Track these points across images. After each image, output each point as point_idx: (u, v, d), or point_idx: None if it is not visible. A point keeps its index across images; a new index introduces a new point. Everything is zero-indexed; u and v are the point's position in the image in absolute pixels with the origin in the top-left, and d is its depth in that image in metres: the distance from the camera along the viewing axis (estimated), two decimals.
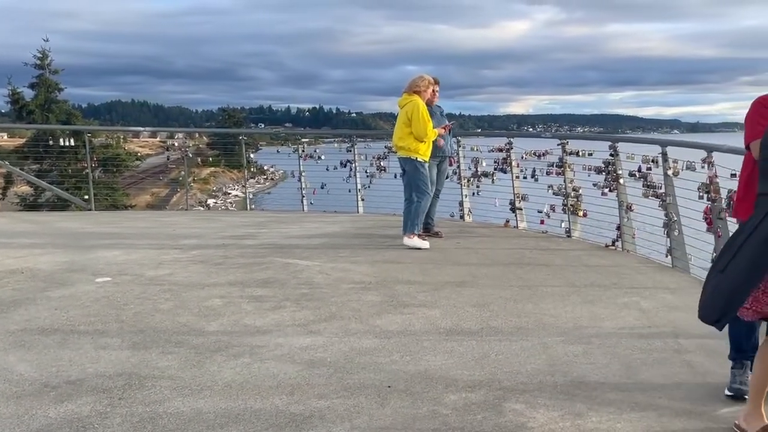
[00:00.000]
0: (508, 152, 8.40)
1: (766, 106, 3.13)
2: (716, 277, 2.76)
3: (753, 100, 3.19)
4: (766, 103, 3.14)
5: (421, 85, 6.89)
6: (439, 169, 7.54)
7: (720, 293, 2.70)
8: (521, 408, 3.21)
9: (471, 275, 5.83)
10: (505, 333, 4.30)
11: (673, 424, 3.04)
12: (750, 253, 2.61)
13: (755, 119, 3.09)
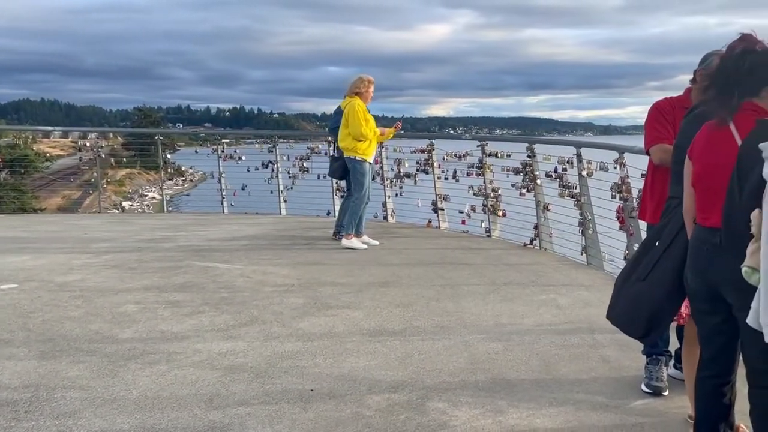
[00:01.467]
0: (429, 153, 8.49)
1: (662, 111, 3.26)
2: (635, 285, 2.83)
3: (650, 106, 3.32)
4: (661, 108, 3.28)
5: (360, 87, 7.05)
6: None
7: (644, 306, 2.77)
8: (444, 407, 3.23)
9: (394, 275, 5.84)
10: (428, 332, 4.33)
11: (589, 418, 3.12)
12: (672, 267, 2.69)
13: (653, 125, 3.21)
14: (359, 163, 7.03)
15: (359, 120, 6.87)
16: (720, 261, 2.34)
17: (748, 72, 2.34)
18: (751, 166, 2.17)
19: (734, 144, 2.30)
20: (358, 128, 6.87)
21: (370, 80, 7.08)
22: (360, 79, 7.05)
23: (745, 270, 2.09)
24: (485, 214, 7.97)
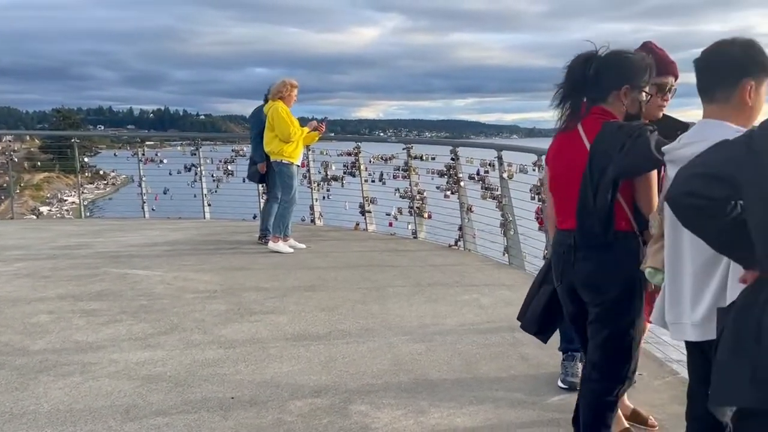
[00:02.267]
0: (356, 156, 8.51)
1: None
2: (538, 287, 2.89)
3: None
4: None
5: (283, 91, 7.00)
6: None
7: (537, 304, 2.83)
8: (366, 409, 3.24)
9: (320, 279, 5.82)
10: (352, 335, 4.33)
11: (507, 415, 3.19)
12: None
13: None
14: (286, 167, 6.99)
15: (285, 122, 6.83)
16: (574, 261, 2.44)
17: (593, 77, 2.41)
18: (601, 168, 2.28)
19: (584, 149, 2.40)
20: (286, 130, 6.83)
21: (294, 84, 7.05)
22: (283, 83, 7.01)
23: (648, 271, 2.17)
24: (412, 216, 8.04)
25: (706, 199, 1.61)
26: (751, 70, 1.93)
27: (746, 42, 1.95)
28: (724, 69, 1.94)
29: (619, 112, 2.45)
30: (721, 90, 1.94)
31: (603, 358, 2.48)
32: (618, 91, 2.43)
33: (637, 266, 2.35)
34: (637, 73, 2.45)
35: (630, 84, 2.43)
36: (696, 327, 1.96)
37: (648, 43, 2.79)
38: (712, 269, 1.92)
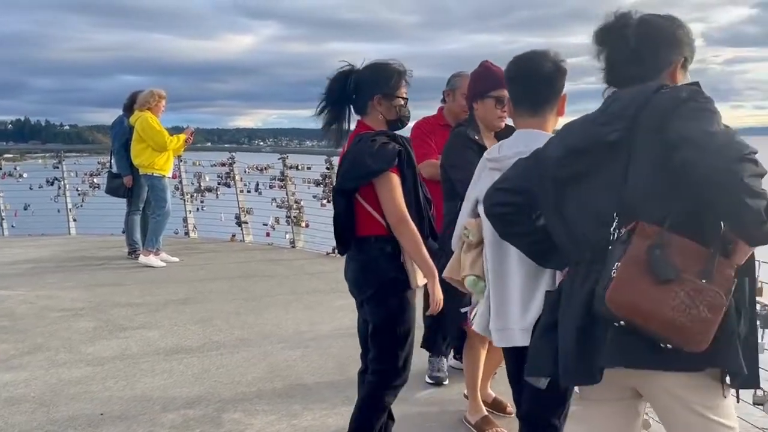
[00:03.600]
0: (230, 167, 8.44)
1: (422, 130, 3.61)
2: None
3: (413, 126, 3.61)
4: (422, 127, 3.63)
5: (151, 101, 6.83)
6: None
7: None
8: (239, 416, 3.29)
9: (194, 292, 5.76)
10: (227, 346, 4.34)
11: None
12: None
13: (417, 143, 3.47)
14: (158, 180, 6.83)
15: (157, 131, 6.68)
16: (349, 265, 2.63)
17: (354, 92, 2.51)
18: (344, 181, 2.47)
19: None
20: (161, 138, 6.67)
21: (161, 95, 6.91)
22: (151, 93, 6.86)
23: (470, 279, 2.16)
24: (289, 226, 8.09)
25: (511, 209, 1.80)
26: (562, 83, 2.12)
27: (556, 54, 2.12)
28: (545, 82, 2.09)
29: (378, 121, 2.52)
30: (543, 101, 2.10)
31: (373, 354, 2.59)
32: (372, 101, 2.50)
33: (392, 268, 2.45)
34: (386, 81, 2.50)
35: (381, 93, 2.49)
36: (525, 332, 2.01)
37: (485, 62, 3.02)
38: (540, 274, 2.00)
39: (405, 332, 2.53)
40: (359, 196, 2.48)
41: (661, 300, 1.45)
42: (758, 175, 1.41)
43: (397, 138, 2.50)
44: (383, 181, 2.41)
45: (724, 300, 1.45)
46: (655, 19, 1.74)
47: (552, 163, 1.72)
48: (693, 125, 1.50)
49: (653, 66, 1.70)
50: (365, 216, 2.48)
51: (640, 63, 1.70)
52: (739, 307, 1.52)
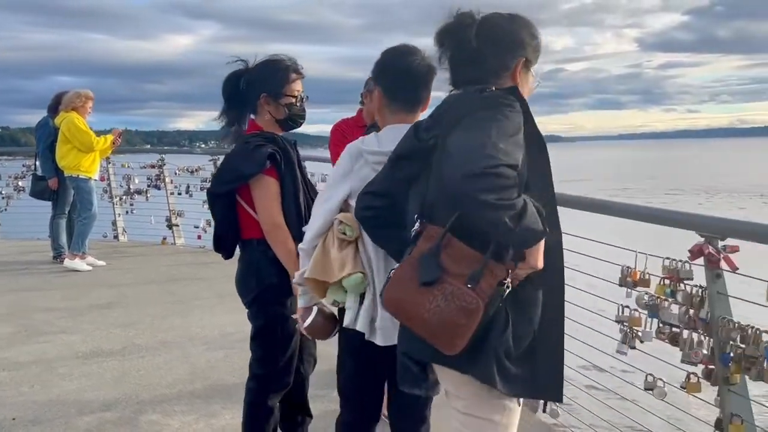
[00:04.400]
0: (160, 168, 8.34)
1: (342, 132, 3.66)
2: None
3: (331, 128, 3.67)
4: (341, 129, 3.68)
5: (77, 102, 6.72)
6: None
7: None
8: (157, 418, 3.31)
9: (120, 296, 5.70)
10: (149, 349, 4.33)
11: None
12: None
13: (337, 144, 3.52)
14: (84, 182, 6.72)
15: (84, 132, 6.58)
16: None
17: (246, 91, 2.45)
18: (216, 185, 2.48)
19: None
20: (87, 139, 6.58)
21: (88, 95, 6.81)
22: (77, 94, 6.75)
23: (358, 276, 2.02)
24: None
25: (374, 212, 1.82)
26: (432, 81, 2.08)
27: (426, 52, 2.07)
28: (423, 80, 2.05)
29: (267, 121, 2.49)
30: (420, 99, 2.07)
31: (253, 358, 2.59)
32: (259, 101, 2.47)
33: (273, 272, 2.40)
34: (271, 79, 2.46)
35: (267, 92, 2.45)
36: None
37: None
38: None
39: (286, 337, 2.47)
40: (240, 199, 2.45)
41: (420, 302, 1.50)
42: (498, 189, 1.42)
43: (277, 140, 2.45)
44: (256, 185, 2.39)
45: (480, 306, 1.47)
46: (496, 18, 1.71)
47: (390, 165, 1.77)
48: (463, 136, 1.51)
49: (492, 68, 1.67)
50: (247, 218, 2.45)
51: (480, 64, 1.67)
52: (509, 318, 1.53)
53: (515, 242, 1.51)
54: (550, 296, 1.60)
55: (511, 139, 1.49)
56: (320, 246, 2.04)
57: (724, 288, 2.32)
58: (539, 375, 1.58)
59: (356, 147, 2.08)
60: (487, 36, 1.66)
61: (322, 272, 2.02)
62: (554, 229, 1.59)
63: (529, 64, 1.70)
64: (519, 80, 1.68)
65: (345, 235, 2.00)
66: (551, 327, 1.60)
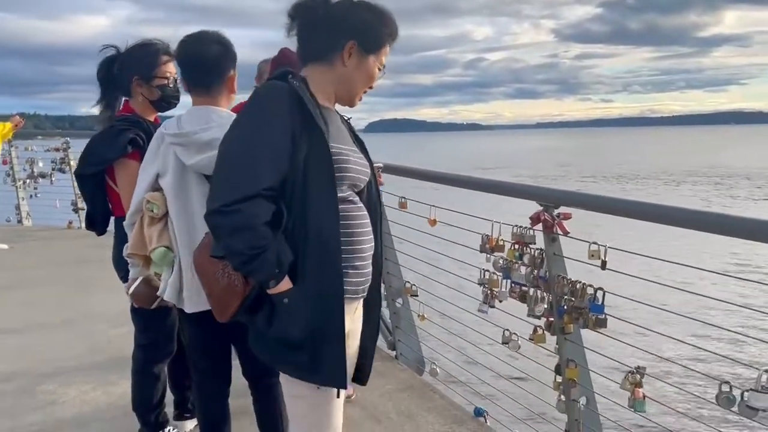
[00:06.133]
0: (65, 152, 8.23)
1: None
2: None
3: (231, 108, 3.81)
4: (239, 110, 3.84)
5: None
6: None
7: None
8: (54, 388, 3.45)
9: (22, 277, 5.70)
10: (50, 327, 4.42)
11: None
12: None
13: None
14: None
15: None
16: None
17: (119, 75, 2.56)
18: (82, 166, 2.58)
19: None
20: None
21: None
22: None
23: (161, 251, 2.19)
24: None
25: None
26: (229, 63, 2.25)
27: (222, 35, 2.24)
28: (214, 64, 2.20)
29: (139, 103, 2.60)
30: (216, 82, 2.22)
31: (135, 329, 2.76)
32: (132, 84, 2.56)
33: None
34: (142, 62, 2.55)
35: (138, 74, 2.55)
36: None
37: (283, 48, 3.24)
38: None
39: (163, 308, 2.51)
40: (109, 180, 2.57)
41: (209, 270, 1.72)
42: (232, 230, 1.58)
43: (142, 124, 2.55)
44: (118, 168, 2.50)
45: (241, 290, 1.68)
46: (342, 2, 1.74)
47: None
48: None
49: (323, 46, 1.73)
50: (117, 197, 2.57)
51: (314, 42, 1.74)
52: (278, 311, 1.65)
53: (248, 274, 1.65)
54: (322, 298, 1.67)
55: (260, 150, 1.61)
56: (137, 223, 2.26)
57: (560, 250, 2.67)
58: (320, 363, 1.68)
59: (159, 132, 2.26)
60: (327, 17, 1.72)
61: (137, 247, 2.25)
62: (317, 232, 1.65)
63: (364, 51, 1.74)
64: (347, 63, 1.73)
65: (153, 213, 2.20)
66: (329, 323, 1.67)
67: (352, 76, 1.76)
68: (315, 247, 1.65)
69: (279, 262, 1.61)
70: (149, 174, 2.24)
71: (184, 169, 2.17)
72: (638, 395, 2.45)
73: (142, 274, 2.33)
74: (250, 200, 1.57)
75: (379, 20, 1.76)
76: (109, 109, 2.62)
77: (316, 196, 1.65)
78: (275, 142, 1.62)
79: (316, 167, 1.65)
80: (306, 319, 1.64)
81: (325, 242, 1.66)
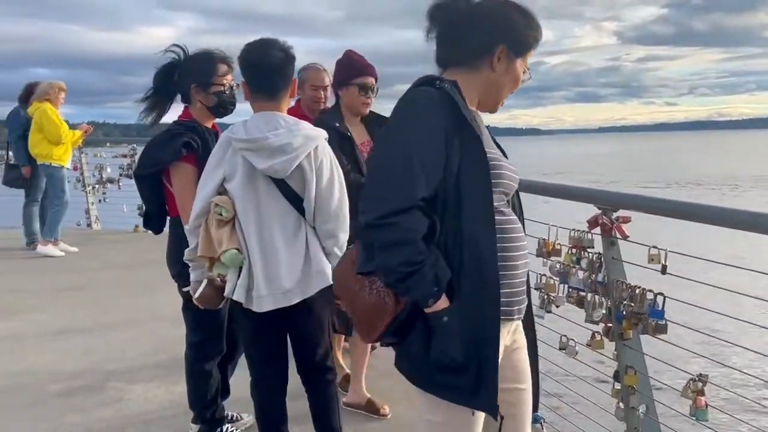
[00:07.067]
0: (132, 158, 8.52)
1: None
2: None
3: None
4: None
5: (51, 93, 6.94)
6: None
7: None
8: (121, 385, 3.58)
9: (89, 279, 5.93)
10: (116, 327, 4.58)
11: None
12: None
13: None
14: (56, 170, 6.93)
15: (55, 124, 6.78)
16: None
17: (179, 82, 2.66)
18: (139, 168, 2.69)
19: None
20: (56, 131, 6.77)
21: (61, 87, 7.01)
22: (50, 85, 6.96)
23: (233, 252, 2.25)
24: None
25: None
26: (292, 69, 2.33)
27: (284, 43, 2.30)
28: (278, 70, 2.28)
29: (198, 109, 2.69)
30: (280, 88, 2.29)
31: (186, 326, 2.87)
32: (189, 91, 2.66)
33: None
34: (200, 70, 2.65)
35: (196, 82, 2.64)
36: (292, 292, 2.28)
37: (348, 51, 3.30)
38: (296, 239, 2.29)
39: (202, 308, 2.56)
40: (165, 181, 2.65)
41: (352, 286, 1.60)
42: (389, 245, 1.49)
43: (197, 129, 2.63)
44: (174, 171, 2.59)
45: (391, 309, 1.54)
46: (488, 3, 1.66)
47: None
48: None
49: (470, 50, 1.64)
50: (173, 198, 2.66)
51: (459, 45, 1.65)
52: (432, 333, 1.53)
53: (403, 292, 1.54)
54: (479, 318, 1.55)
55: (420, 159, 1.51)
56: (203, 226, 2.31)
57: (618, 254, 2.63)
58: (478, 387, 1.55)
59: (226, 136, 2.32)
60: (473, 18, 1.63)
61: (206, 249, 2.29)
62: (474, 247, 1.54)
63: (513, 54, 1.65)
64: (497, 68, 1.65)
65: (221, 216, 2.25)
66: (486, 344, 1.56)
67: (500, 81, 1.67)
68: (470, 262, 1.53)
69: (437, 278, 1.50)
70: (215, 178, 2.31)
71: (254, 173, 2.26)
72: (700, 404, 2.39)
73: (205, 276, 2.40)
74: (407, 212, 1.48)
75: (527, 23, 1.67)
76: (156, 112, 2.71)
77: (471, 205, 1.54)
78: (430, 150, 1.52)
79: (471, 175, 1.54)
80: (465, 340, 1.52)
81: (481, 256, 1.54)
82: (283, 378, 2.50)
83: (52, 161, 6.88)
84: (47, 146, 6.84)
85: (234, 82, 2.69)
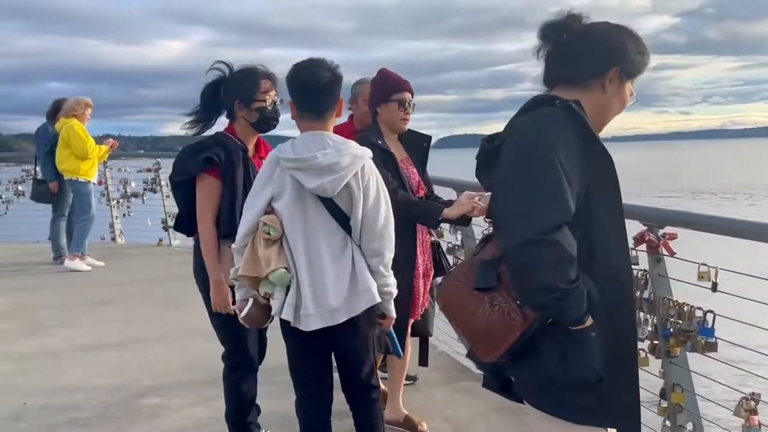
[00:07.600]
0: (156, 172, 8.58)
1: None
2: None
3: None
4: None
5: (77, 109, 7.02)
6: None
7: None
8: (158, 401, 3.58)
9: (118, 294, 5.95)
10: (147, 342, 4.59)
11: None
12: None
13: None
14: (83, 185, 7.00)
15: (82, 139, 6.85)
16: None
17: (225, 99, 2.70)
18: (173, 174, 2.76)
19: None
20: (84, 147, 6.84)
21: (87, 103, 7.09)
22: (77, 101, 7.04)
23: (281, 272, 2.24)
24: None
25: None
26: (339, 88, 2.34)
27: (332, 62, 2.31)
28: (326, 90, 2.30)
29: (241, 125, 2.73)
30: (328, 108, 2.32)
31: (220, 341, 2.91)
32: (235, 107, 2.70)
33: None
34: (242, 86, 2.68)
35: (239, 98, 2.68)
36: (339, 311, 2.27)
37: (382, 69, 3.28)
38: (343, 257, 2.28)
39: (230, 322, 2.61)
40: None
41: (468, 304, 1.55)
42: (550, 263, 1.43)
43: (227, 145, 2.66)
44: (198, 182, 2.66)
45: (520, 324, 1.49)
46: (602, 25, 1.67)
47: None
48: (503, 173, 1.57)
49: (583, 71, 1.64)
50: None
51: (571, 65, 1.64)
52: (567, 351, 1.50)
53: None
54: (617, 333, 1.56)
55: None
56: (249, 245, 2.29)
57: (664, 271, 2.60)
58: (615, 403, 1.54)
59: (274, 155, 2.32)
60: (587, 39, 1.64)
61: (252, 269, 2.27)
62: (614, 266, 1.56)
63: (624, 77, 1.65)
64: (608, 89, 1.64)
65: (269, 235, 2.25)
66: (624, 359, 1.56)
67: (610, 102, 1.67)
68: (604, 277, 1.53)
69: (590, 295, 1.49)
70: (263, 197, 2.31)
71: (302, 191, 2.26)
72: (753, 423, 2.35)
73: (250, 294, 2.39)
74: (561, 229, 1.46)
75: (639, 48, 1.67)
76: (201, 126, 2.76)
77: (602, 220, 1.55)
78: (570, 165, 1.51)
79: (602, 194, 1.55)
80: (606, 357, 1.50)
81: (616, 271, 1.55)
82: (328, 396, 2.50)
83: (79, 176, 6.95)
84: (74, 161, 6.91)
85: (277, 97, 2.71)
